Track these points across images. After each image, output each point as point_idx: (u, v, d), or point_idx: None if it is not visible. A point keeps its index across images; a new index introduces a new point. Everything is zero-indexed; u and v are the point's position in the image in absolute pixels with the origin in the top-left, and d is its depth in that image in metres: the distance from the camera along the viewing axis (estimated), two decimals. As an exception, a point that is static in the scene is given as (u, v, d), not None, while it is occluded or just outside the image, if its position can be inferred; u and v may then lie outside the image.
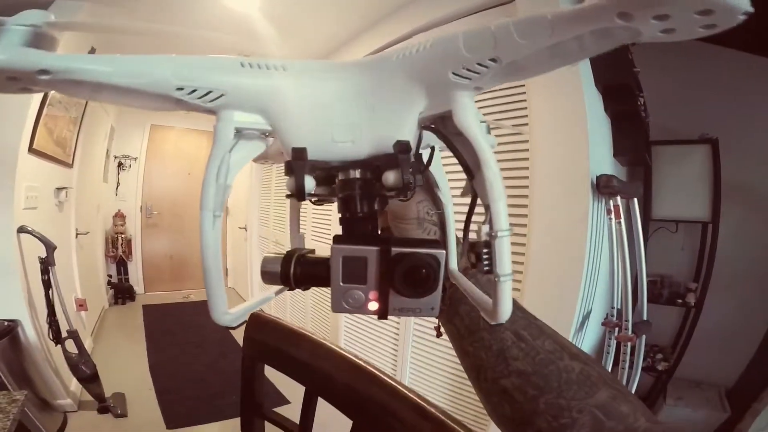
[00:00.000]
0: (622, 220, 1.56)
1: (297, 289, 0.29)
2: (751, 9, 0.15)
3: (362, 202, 0.27)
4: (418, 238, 0.33)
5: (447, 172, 0.34)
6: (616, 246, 1.59)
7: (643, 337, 1.71)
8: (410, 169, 0.24)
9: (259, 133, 0.27)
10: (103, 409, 2.12)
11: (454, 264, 0.31)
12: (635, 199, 1.77)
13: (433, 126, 0.27)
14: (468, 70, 0.22)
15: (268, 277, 0.28)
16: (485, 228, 0.24)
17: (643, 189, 2.16)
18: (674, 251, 2.28)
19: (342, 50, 2.60)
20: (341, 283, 0.26)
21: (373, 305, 0.26)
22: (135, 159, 4.49)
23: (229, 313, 0.25)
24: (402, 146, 0.25)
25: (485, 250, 0.24)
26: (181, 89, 0.24)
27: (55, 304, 2.02)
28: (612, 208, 1.53)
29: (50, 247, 1.96)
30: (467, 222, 0.29)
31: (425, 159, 0.29)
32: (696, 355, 2.16)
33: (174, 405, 2.29)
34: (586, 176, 1.36)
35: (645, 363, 1.90)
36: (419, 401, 0.49)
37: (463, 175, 0.27)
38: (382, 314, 0.26)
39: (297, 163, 0.25)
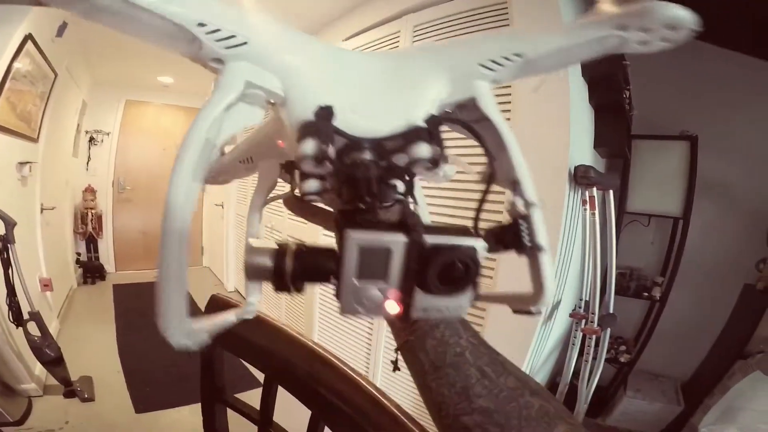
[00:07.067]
0: (597, 212, 1.57)
1: (285, 293, 0.23)
2: (696, 27, 0.20)
3: (380, 185, 0.22)
4: (443, 224, 0.29)
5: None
6: (588, 237, 1.61)
7: (608, 330, 1.75)
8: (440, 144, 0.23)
9: (266, 97, 0.24)
10: (70, 393, 2.06)
11: None
12: (611, 191, 1.79)
13: (450, 114, 0.27)
14: (493, 62, 0.25)
15: (255, 272, 0.22)
16: (518, 201, 0.24)
17: (620, 181, 2.19)
18: (645, 245, 2.33)
19: (331, 27, 2.51)
20: (355, 280, 0.21)
21: (393, 305, 0.22)
22: (108, 134, 4.33)
23: (189, 329, 0.20)
24: (435, 120, 0.24)
25: (523, 223, 0.23)
26: (203, 25, 0.21)
27: (16, 284, 1.92)
28: (588, 199, 1.54)
29: (9, 224, 1.85)
30: (479, 209, 0.27)
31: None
32: (657, 349, 2.24)
33: (143, 388, 2.24)
34: (564, 166, 1.36)
35: (608, 354, 1.96)
36: (377, 394, 0.48)
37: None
38: (405, 316, 0.22)
39: (323, 123, 0.22)
